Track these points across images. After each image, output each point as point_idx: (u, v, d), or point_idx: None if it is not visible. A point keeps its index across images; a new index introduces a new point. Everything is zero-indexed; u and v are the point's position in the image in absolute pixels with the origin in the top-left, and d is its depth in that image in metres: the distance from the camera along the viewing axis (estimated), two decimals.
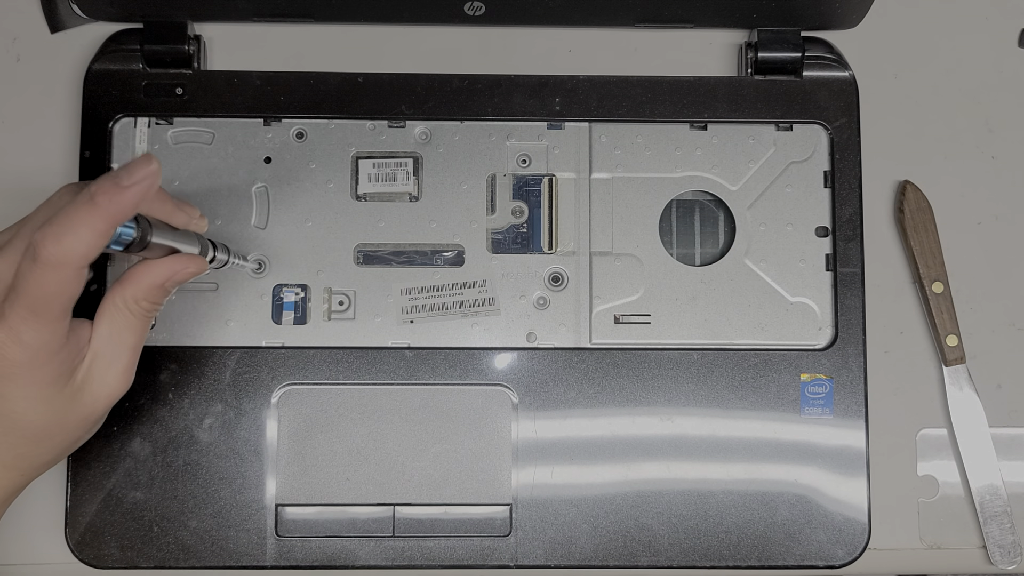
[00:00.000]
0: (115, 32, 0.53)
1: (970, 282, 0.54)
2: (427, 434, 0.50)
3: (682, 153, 0.53)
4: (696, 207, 0.54)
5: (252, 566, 0.49)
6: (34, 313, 0.37)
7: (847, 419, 0.51)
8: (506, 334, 0.51)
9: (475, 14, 0.52)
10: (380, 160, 0.52)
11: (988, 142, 0.55)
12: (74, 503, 0.49)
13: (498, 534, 0.50)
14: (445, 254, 0.52)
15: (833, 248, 0.52)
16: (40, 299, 0.37)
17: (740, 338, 0.51)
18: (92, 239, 0.36)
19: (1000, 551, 0.52)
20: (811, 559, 0.50)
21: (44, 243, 0.36)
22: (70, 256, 0.36)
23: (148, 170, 0.37)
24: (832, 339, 0.51)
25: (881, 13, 0.54)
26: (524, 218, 0.52)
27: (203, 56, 0.53)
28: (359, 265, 0.51)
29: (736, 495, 0.50)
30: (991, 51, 0.55)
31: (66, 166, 0.52)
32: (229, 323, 0.51)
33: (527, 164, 0.52)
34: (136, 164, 0.37)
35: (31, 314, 0.37)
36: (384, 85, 0.52)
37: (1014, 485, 0.52)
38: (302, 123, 0.52)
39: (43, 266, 0.36)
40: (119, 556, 0.49)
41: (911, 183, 0.53)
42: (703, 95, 0.53)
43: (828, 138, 0.53)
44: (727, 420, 0.51)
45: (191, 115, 0.52)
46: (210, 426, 0.50)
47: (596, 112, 0.52)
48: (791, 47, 0.53)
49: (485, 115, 0.52)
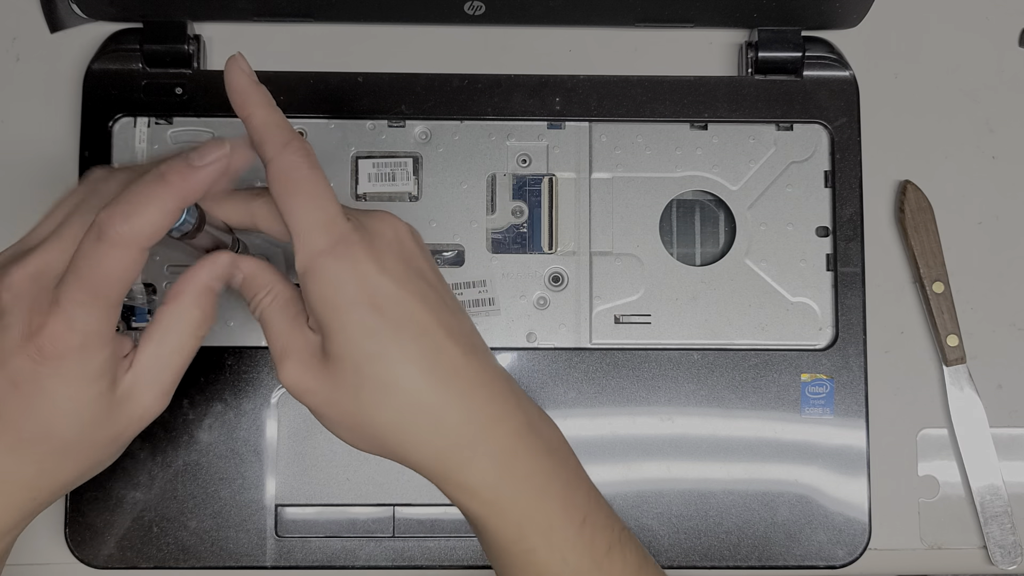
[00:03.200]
0: (115, 32, 0.53)
1: (971, 282, 0.54)
2: None
3: (682, 153, 0.53)
4: (696, 207, 0.54)
5: (252, 566, 0.49)
6: (93, 296, 0.35)
7: (847, 419, 0.51)
8: (506, 334, 0.51)
9: (475, 14, 0.52)
10: (380, 160, 0.52)
11: (989, 142, 0.55)
12: (74, 503, 0.49)
13: None
14: (445, 254, 0.52)
15: (834, 248, 0.52)
16: (101, 281, 0.35)
17: (740, 338, 0.51)
18: (161, 219, 0.35)
19: (1001, 551, 0.52)
20: (811, 559, 0.50)
21: (112, 221, 0.34)
22: (138, 235, 0.35)
23: (220, 152, 0.36)
24: (832, 339, 0.51)
25: (881, 13, 0.54)
26: (524, 218, 0.52)
27: (203, 56, 0.53)
28: None
29: (736, 495, 0.50)
30: (992, 51, 0.55)
31: (66, 166, 0.52)
32: (229, 323, 0.51)
33: (527, 164, 0.52)
34: (208, 146, 0.36)
35: (90, 297, 0.35)
36: (384, 85, 0.52)
37: (1015, 485, 0.52)
38: (302, 123, 0.52)
39: (109, 245, 0.34)
40: (119, 556, 0.49)
41: (912, 183, 0.53)
42: (703, 95, 0.53)
43: (829, 138, 0.53)
44: (727, 420, 0.51)
45: (191, 115, 0.52)
46: (210, 426, 0.50)
47: (596, 112, 0.52)
48: (791, 47, 0.52)
49: (485, 115, 0.52)
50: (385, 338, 0.36)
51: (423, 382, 0.37)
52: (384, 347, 0.36)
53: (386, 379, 0.36)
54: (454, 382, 0.37)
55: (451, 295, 0.40)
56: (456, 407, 0.37)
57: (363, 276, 0.36)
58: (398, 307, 0.37)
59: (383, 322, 0.36)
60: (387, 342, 0.36)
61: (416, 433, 0.37)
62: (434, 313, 0.37)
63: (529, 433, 0.38)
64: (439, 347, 0.37)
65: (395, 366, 0.36)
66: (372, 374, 0.36)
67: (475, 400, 0.37)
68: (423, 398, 0.37)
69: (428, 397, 0.37)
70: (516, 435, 0.38)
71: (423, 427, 0.37)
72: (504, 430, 0.38)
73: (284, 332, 0.39)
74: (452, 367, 0.37)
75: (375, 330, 0.36)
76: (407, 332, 0.37)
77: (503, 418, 0.38)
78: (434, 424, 0.37)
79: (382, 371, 0.36)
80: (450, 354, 0.37)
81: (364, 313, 0.36)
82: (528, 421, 0.39)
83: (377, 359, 0.36)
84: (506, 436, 0.38)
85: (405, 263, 0.38)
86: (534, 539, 0.38)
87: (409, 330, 0.37)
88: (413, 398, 0.37)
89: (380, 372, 0.36)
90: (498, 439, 0.38)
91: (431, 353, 0.37)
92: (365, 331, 0.36)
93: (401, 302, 0.37)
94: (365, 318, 0.36)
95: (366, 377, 0.36)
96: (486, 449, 0.37)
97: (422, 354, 0.37)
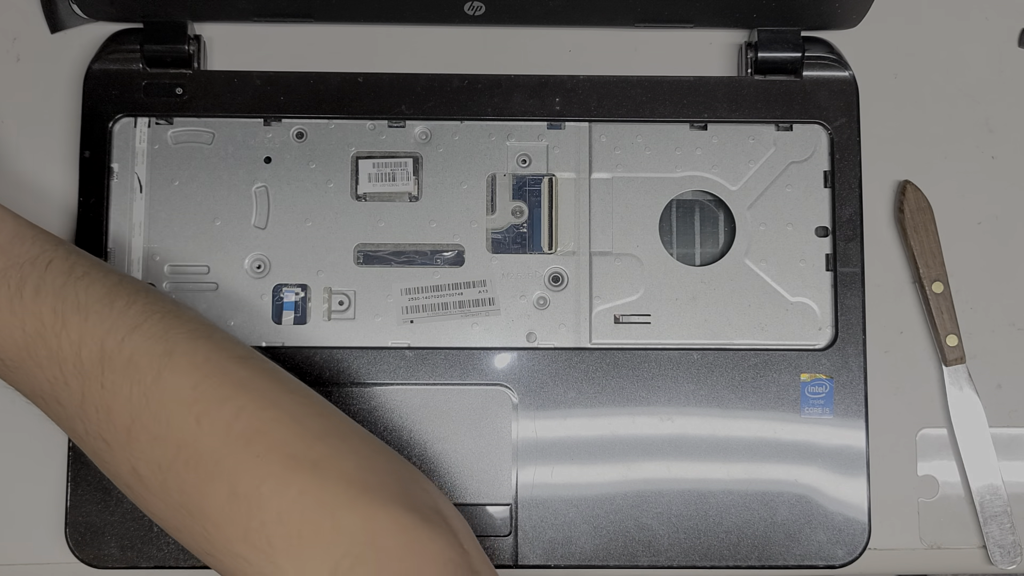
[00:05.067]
0: (115, 32, 0.53)
1: (970, 282, 0.54)
2: (427, 434, 0.50)
3: (682, 153, 0.53)
4: (696, 207, 0.54)
5: None
6: None
7: (847, 419, 0.51)
8: (506, 334, 0.51)
9: (475, 14, 0.52)
10: (380, 160, 0.52)
11: (988, 142, 0.55)
12: (74, 503, 0.49)
13: (498, 534, 0.50)
14: (445, 254, 0.52)
15: (833, 248, 0.52)
16: None
17: (740, 338, 0.51)
18: None
19: (1000, 551, 0.52)
20: (811, 559, 0.50)
21: None
22: None
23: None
24: (832, 339, 0.51)
25: (881, 13, 0.54)
26: (524, 218, 0.52)
27: (203, 56, 0.53)
28: (359, 265, 0.51)
29: (736, 495, 0.50)
30: (991, 51, 0.55)
31: (66, 166, 0.52)
32: (229, 323, 0.51)
33: (527, 164, 0.52)
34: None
35: None
36: (384, 85, 0.52)
37: (1014, 485, 0.52)
38: (302, 123, 0.52)
39: None
40: (119, 556, 0.49)
41: (911, 183, 0.53)
42: (703, 95, 0.53)
43: (828, 138, 0.53)
44: (727, 420, 0.51)
45: (191, 115, 0.52)
46: None
47: (596, 112, 0.52)
48: (791, 47, 0.52)
49: (485, 115, 0.52)
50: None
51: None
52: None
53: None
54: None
55: None
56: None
57: None
58: None
59: None
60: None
61: None
62: None
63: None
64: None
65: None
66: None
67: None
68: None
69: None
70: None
71: None
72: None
73: None
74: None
75: None
76: None
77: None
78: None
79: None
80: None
81: None
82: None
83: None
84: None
85: None
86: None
87: None
88: None
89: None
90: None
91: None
92: None
93: None
94: None
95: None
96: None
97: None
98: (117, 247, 0.51)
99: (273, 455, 0.39)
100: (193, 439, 0.39)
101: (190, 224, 0.51)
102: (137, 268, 0.51)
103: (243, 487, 0.38)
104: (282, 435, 0.39)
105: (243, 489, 0.38)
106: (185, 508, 0.39)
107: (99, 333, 0.40)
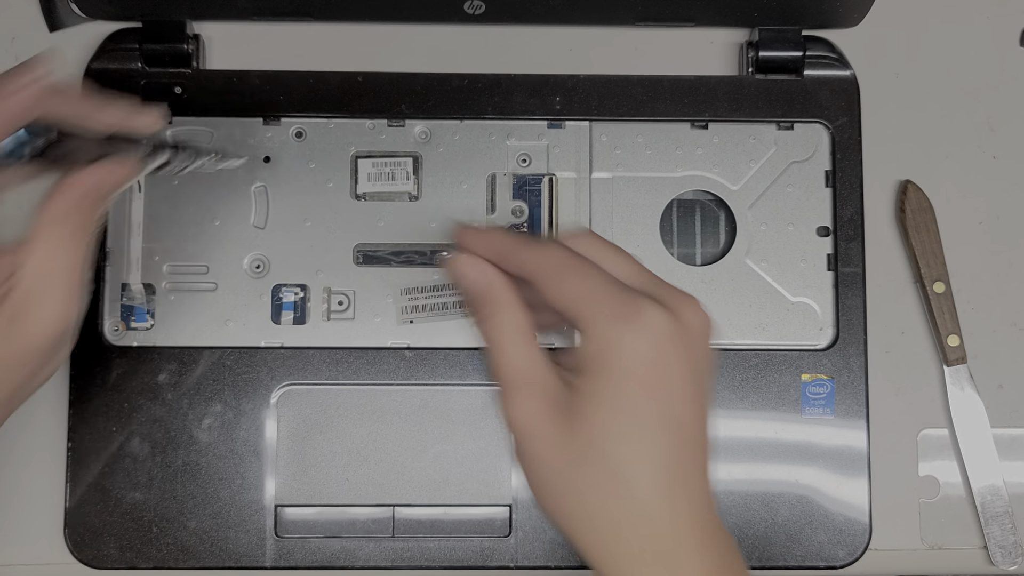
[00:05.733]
0: (114, 31, 0.52)
1: (971, 282, 0.54)
2: (427, 434, 0.50)
3: (683, 152, 0.53)
4: (697, 207, 0.53)
5: (252, 567, 0.49)
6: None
7: (848, 419, 0.51)
8: None
9: (475, 13, 0.52)
10: (380, 159, 0.52)
11: (990, 142, 0.55)
12: (74, 503, 0.49)
13: (498, 535, 0.50)
14: (445, 254, 0.52)
15: (834, 248, 0.52)
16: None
17: (741, 338, 0.51)
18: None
19: (1001, 552, 0.51)
20: (812, 560, 0.50)
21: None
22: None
23: (35, 74, 0.35)
24: (833, 339, 0.51)
25: (882, 12, 0.53)
26: (524, 218, 0.52)
27: (202, 55, 0.53)
28: (358, 265, 0.51)
29: (737, 495, 0.50)
30: (993, 50, 0.55)
31: None
32: (228, 323, 0.51)
33: (527, 163, 0.52)
34: (21, 68, 0.35)
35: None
36: (384, 84, 0.52)
37: (1015, 485, 0.52)
38: (301, 122, 0.52)
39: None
40: (118, 556, 0.49)
41: (912, 183, 0.53)
42: (704, 94, 0.52)
43: (829, 137, 0.52)
44: (728, 420, 0.51)
45: (190, 114, 0.52)
46: (209, 426, 0.50)
47: (596, 111, 0.52)
48: (792, 46, 0.52)
49: (485, 114, 0.52)
50: (646, 427, 0.34)
51: (654, 491, 0.34)
52: (639, 436, 0.34)
53: (621, 467, 0.34)
54: (681, 503, 0.34)
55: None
56: (667, 521, 0.34)
57: (662, 362, 0.34)
58: (676, 405, 0.35)
59: (652, 410, 0.34)
60: (645, 433, 0.34)
61: (615, 531, 0.34)
62: (703, 431, 0.35)
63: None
64: (689, 468, 0.35)
65: (638, 463, 0.34)
66: (609, 453, 0.34)
67: (687, 523, 0.35)
68: (647, 505, 0.34)
69: (651, 506, 0.34)
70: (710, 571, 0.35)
71: (625, 531, 0.34)
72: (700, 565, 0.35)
73: (521, 360, 0.36)
74: (688, 490, 0.35)
75: (639, 415, 0.34)
76: (668, 433, 0.34)
77: (705, 551, 0.35)
78: (636, 534, 0.34)
79: (621, 458, 0.34)
80: (694, 477, 0.35)
81: (638, 392, 0.34)
82: (719, 555, 0.35)
83: (624, 442, 0.34)
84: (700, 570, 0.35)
85: (708, 368, 0.36)
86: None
87: (671, 433, 0.34)
88: (636, 501, 0.34)
89: (618, 457, 0.34)
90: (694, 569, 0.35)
91: (680, 469, 0.34)
92: (629, 410, 0.34)
93: (683, 403, 0.35)
94: (638, 398, 0.34)
95: (600, 452, 0.34)
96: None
97: (669, 464, 0.34)
98: (116, 247, 0.51)
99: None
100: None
101: (189, 224, 0.51)
102: (136, 268, 0.51)
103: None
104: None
105: None
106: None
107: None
